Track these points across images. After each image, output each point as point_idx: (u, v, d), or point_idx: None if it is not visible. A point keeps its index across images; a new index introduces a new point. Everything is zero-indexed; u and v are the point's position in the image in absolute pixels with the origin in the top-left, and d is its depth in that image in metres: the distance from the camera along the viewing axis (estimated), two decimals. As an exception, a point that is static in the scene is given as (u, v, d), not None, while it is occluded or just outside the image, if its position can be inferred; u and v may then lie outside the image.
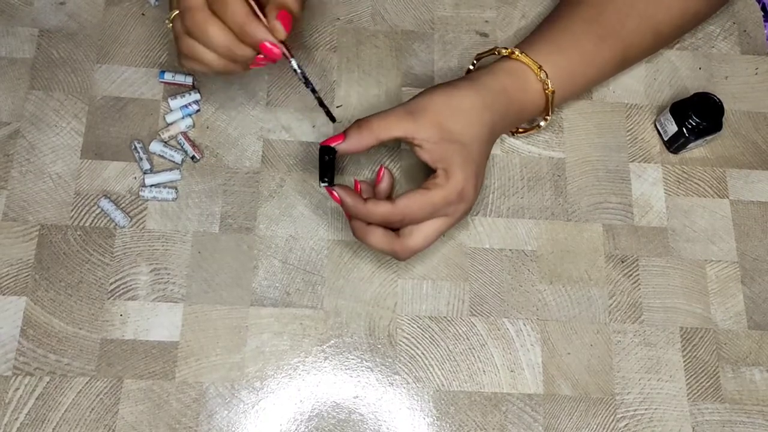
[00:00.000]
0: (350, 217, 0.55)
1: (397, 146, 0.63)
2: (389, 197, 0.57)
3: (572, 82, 0.59)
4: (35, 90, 0.63)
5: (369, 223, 0.54)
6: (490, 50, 0.60)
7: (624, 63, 0.63)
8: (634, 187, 0.64)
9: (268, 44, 0.49)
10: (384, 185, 0.58)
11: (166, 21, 0.52)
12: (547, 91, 0.58)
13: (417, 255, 0.60)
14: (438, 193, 0.52)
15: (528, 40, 0.60)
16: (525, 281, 0.60)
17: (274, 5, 0.50)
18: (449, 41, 0.67)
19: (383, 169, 0.58)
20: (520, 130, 0.63)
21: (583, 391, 0.58)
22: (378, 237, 0.54)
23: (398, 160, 0.63)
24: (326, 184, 0.54)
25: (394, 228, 0.55)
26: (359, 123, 0.54)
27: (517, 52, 0.58)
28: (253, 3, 0.49)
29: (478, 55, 0.62)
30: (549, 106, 0.59)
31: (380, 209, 0.53)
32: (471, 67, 0.63)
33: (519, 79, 0.57)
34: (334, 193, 0.54)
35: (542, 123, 0.61)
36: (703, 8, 0.64)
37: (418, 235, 0.54)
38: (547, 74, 0.57)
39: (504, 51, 0.58)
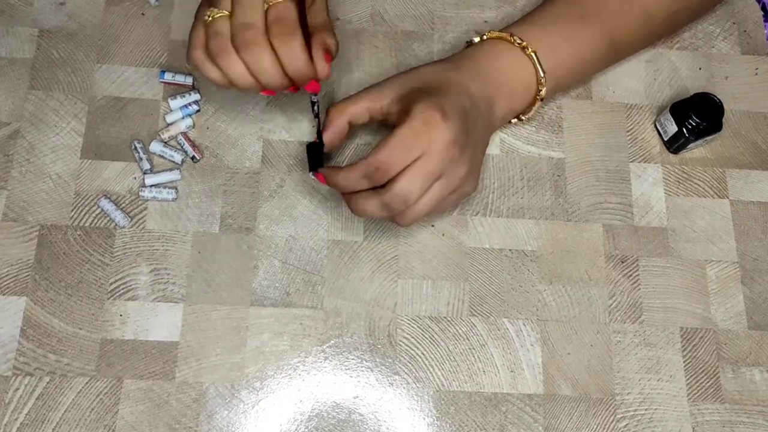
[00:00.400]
0: (343, 194, 0.56)
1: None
2: None
3: (556, 55, 0.59)
4: (35, 90, 0.63)
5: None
6: (466, 45, 0.61)
7: (614, 48, 0.62)
8: (634, 187, 0.64)
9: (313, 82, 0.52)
10: None
11: (206, 16, 0.51)
12: (528, 52, 0.58)
13: (416, 254, 0.60)
14: (402, 129, 0.52)
15: (506, 27, 0.61)
16: (525, 281, 0.60)
17: (319, 45, 0.52)
18: (449, 41, 0.67)
19: None
20: (522, 116, 0.62)
21: (583, 391, 0.58)
22: (366, 198, 0.53)
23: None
24: (314, 172, 0.57)
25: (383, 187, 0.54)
26: (328, 110, 0.56)
27: (487, 34, 0.60)
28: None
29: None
30: (537, 68, 0.58)
31: (357, 167, 0.52)
32: None
33: (490, 51, 0.59)
34: (319, 173, 0.55)
35: (542, 90, 0.59)
36: None
37: (402, 178, 0.52)
38: (521, 40, 0.58)
39: (476, 39, 0.60)
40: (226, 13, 0.50)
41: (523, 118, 0.62)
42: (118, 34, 0.65)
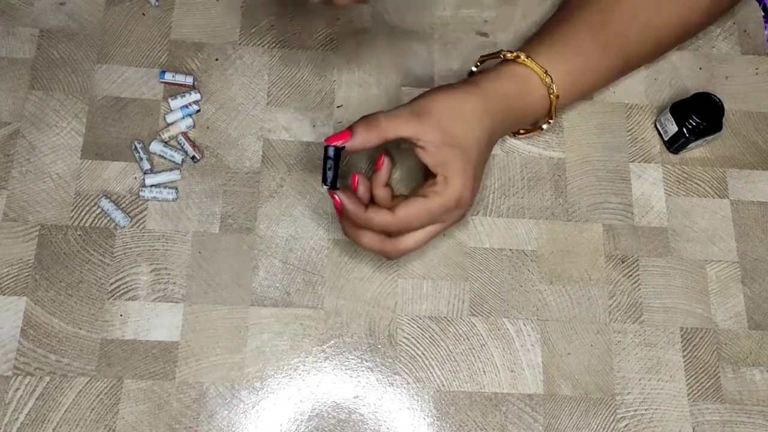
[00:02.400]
0: (341, 215, 0.54)
1: (397, 145, 0.63)
2: (387, 185, 0.56)
3: (575, 88, 0.60)
4: (35, 90, 0.63)
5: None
6: (495, 53, 0.59)
7: (625, 70, 0.63)
8: (634, 187, 0.64)
9: None
10: (383, 173, 0.55)
11: None
12: (551, 95, 0.58)
13: (416, 254, 0.60)
14: (436, 201, 0.52)
15: (531, 44, 0.60)
16: (525, 281, 0.60)
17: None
18: (449, 41, 0.67)
19: (383, 156, 0.55)
20: (522, 132, 0.63)
21: (584, 391, 0.58)
22: (369, 238, 0.54)
23: (397, 160, 0.63)
24: (328, 187, 0.53)
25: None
26: (367, 120, 0.53)
27: (522, 57, 0.57)
28: None
29: (481, 57, 0.61)
30: (552, 110, 0.59)
31: (380, 218, 0.52)
32: (474, 69, 0.62)
33: (522, 83, 0.57)
34: (336, 197, 0.52)
35: (545, 126, 0.61)
36: (704, 20, 0.64)
37: (410, 238, 0.54)
38: (552, 79, 0.57)
39: (509, 55, 0.58)
40: None
41: (516, 136, 0.64)
42: (118, 34, 0.65)
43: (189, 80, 0.63)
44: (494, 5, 0.69)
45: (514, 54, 0.58)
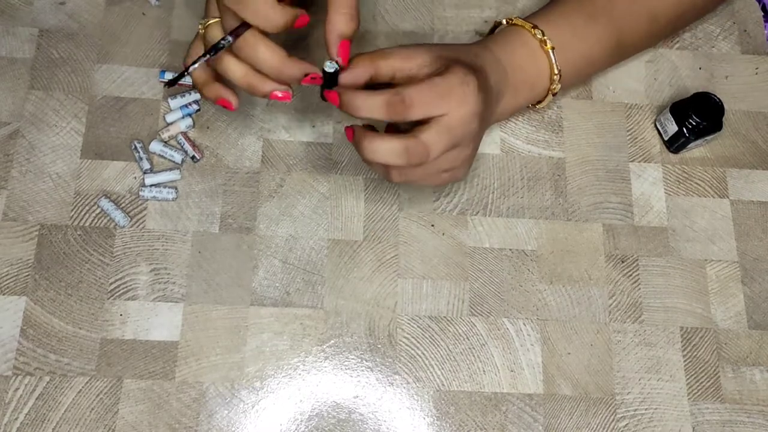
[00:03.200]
0: (356, 135, 0.52)
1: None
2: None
3: (565, 55, 0.59)
4: (35, 90, 0.63)
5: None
6: (491, 29, 0.61)
7: (620, 48, 0.62)
8: (634, 186, 0.64)
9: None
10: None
11: (199, 27, 0.53)
12: (545, 48, 0.58)
13: (416, 254, 0.60)
14: (438, 79, 0.50)
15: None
16: (525, 281, 0.60)
17: (334, 34, 0.51)
18: (449, 41, 0.67)
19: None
20: (537, 103, 0.62)
21: (583, 391, 0.58)
22: (386, 140, 0.50)
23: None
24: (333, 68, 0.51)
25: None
26: (355, 58, 0.52)
27: (515, 19, 0.59)
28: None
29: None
30: (552, 63, 0.58)
31: (380, 92, 0.49)
32: None
33: (506, 44, 0.58)
34: (332, 92, 0.51)
35: (556, 86, 0.59)
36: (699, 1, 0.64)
37: (429, 129, 0.50)
38: (543, 32, 0.58)
39: (503, 21, 0.60)
40: (214, 19, 0.52)
41: (538, 107, 0.62)
42: (118, 34, 0.65)
43: (189, 80, 0.63)
44: (494, 5, 0.69)
45: (506, 19, 0.60)
